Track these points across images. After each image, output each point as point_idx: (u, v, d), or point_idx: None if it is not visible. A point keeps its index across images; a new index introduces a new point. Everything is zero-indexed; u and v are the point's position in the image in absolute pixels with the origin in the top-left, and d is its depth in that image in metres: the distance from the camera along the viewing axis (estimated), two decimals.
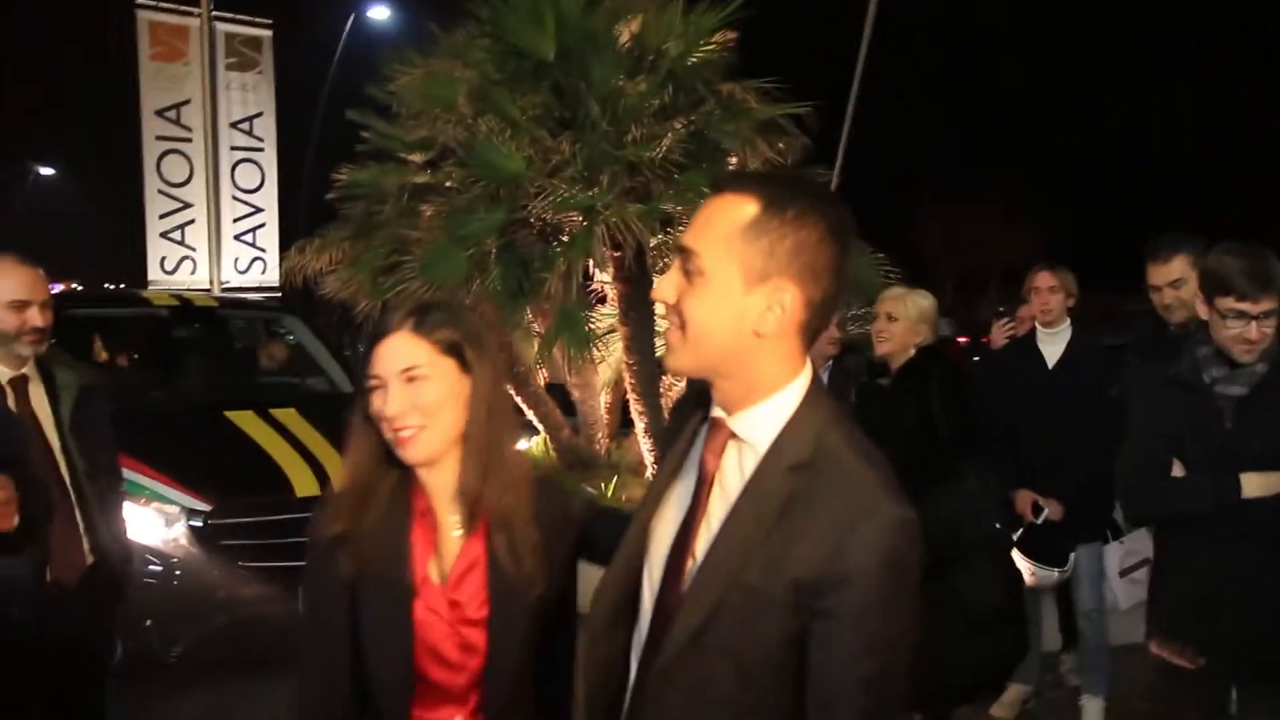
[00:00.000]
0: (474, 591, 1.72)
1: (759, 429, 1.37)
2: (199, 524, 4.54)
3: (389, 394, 1.65)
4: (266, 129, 10.54)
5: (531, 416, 7.45)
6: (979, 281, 32.91)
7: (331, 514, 1.71)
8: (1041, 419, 4.03)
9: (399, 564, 1.69)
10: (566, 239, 6.59)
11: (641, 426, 7.09)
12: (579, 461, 7.49)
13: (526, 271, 6.39)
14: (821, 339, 5.01)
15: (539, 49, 6.34)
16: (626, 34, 6.76)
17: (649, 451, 7.15)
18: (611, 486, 7.20)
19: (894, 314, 3.73)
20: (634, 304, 6.59)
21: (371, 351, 1.69)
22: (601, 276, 7.52)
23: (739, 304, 1.33)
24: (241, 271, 10.41)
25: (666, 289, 1.38)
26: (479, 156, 6.38)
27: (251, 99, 10.46)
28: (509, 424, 1.75)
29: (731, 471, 1.39)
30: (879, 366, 3.90)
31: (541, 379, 7.69)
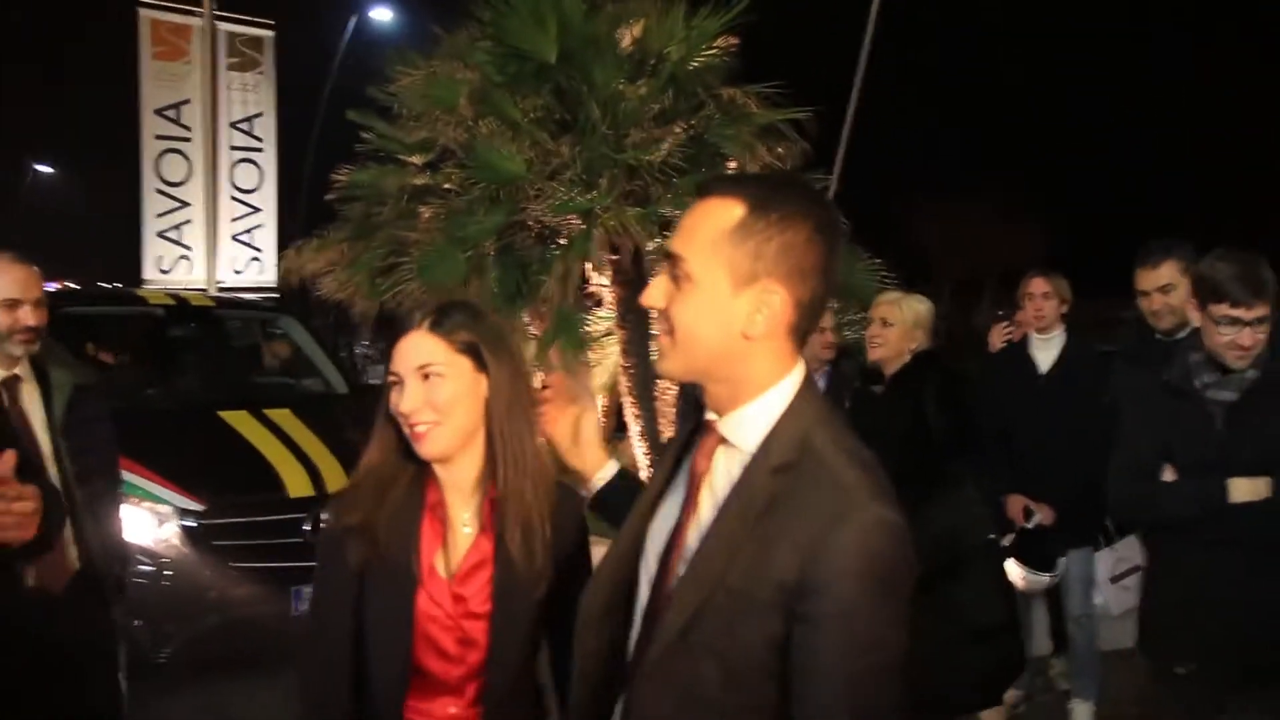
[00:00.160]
0: (479, 587, 1.75)
1: (747, 431, 1.36)
2: (191, 524, 4.53)
3: (405, 390, 1.70)
4: (266, 129, 10.52)
5: None
6: (977, 286, 32.90)
7: (348, 504, 1.76)
8: (1034, 424, 4.04)
9: (406, 554, 1.74)
10: (565, 242, 6.60)
11: (637, 430, 7.08)
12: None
13: (524, 274, 6.40)
14: (815, 343, 4.99)
15: (541, 51, 6.35)
16: (628, 38, 6.77)
17: (644, 455, 7.14)
18: None
19: (889, 319, 3.69)
20: (631, 307, 6.60)
21: (393, 349, 1.75)
22: (599, 279, 7.53)
23: (726, 307, 1.33)
24: (238, 272, 10.38)
25: (655, 294, 1.38)
26: (479, 158, 6.39)
27: (252, 99, 10.44)
28: (530, 423, 1.79)
29: (720, 473, 1.39)
30: (873, 373, 3.88)
31: (538, 382, 7.70)
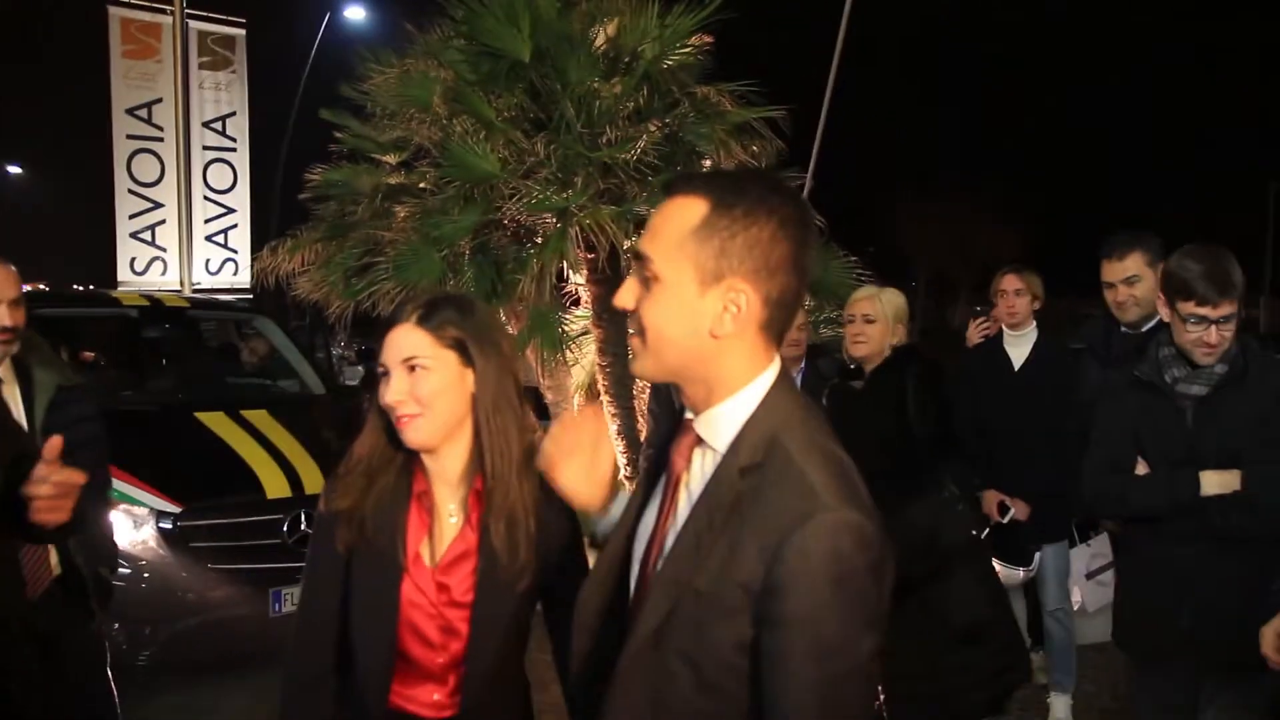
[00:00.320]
0: (462, 577, 1.78)
1: (719, 430, 1.35)
2: (168, 526, 4.50)
3: (390, 381, 1.75)
4: (239, 129, 10.45)
5: None
6: (953, 283, 33.09)
7: (339, 490, 1.80)
8: (1007, 420, 4.07)
9: (392, 541, 1.77)
10: (540, 240, 6.58)
11: (614, 429, 7.09)
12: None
13: (500, 273, 6.39)
14: (791, 338, 4.99)
15: (514, 50, 6.33)
16: (602, 36, 6.76)
17: (622, 454, 7.15)
18: None
19: (871, 315, 3.65)
20: (607, 306, 6.59)
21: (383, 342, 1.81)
22: (575, 278, 7.52)
23: (694, 307, 1.31)
24: (213, 273, 10.31)
25: (626, 296, 1.37)
26: (453, 157, 6.36)
27: (224, 98, 10.37)
28: (516, 419, 1.80)
29: (696, 473, 1.38)
30: (851, 368, 3.86)
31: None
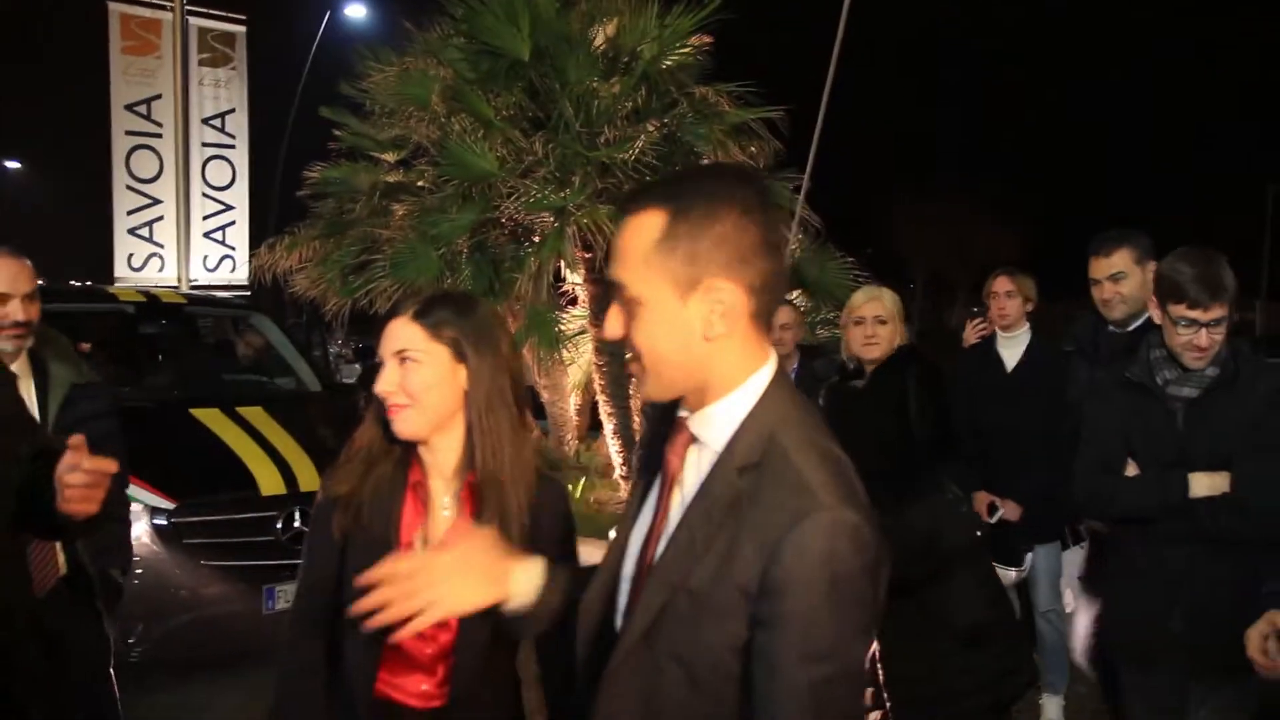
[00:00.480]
0: None
1: (715, 429, 1.34)
2: (162, 522, 4.49)
3: (384, 371, 1.80)
4: (239, 125, 10.43)
5: None
6: (950, 284, 33.08)
7: (338, 477, 1.85)
8: (1000, 421, 4.08)
9: (386, 529, 1.81)
10: (538, 239, 6.60)
11: (610, 428, 7.10)
12: (548, 464, 7.48)
13: (497, 271, 6.40)
14: (774, 338, 4.96)
15: (514, 49, 6.35)
16: (601, 36, 6.78)
17: (618, 454, 7.16)
18: (580, 487, 7.20)
19: (882, 316, 3.64)
20: (604, 306, 6.60)
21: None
22: (572, 278, 7.53)
23: (680, 318, 1.30)
24: (210, 269, 10.29)
25: (613, 326, 1.36)
26: (452, 155, 6.38)
27: (224, 95, 10.36)
28: (510, 418, 1.83)
29: (691, 473, 1.37)
30: (851, 369, 3.85)
31: None
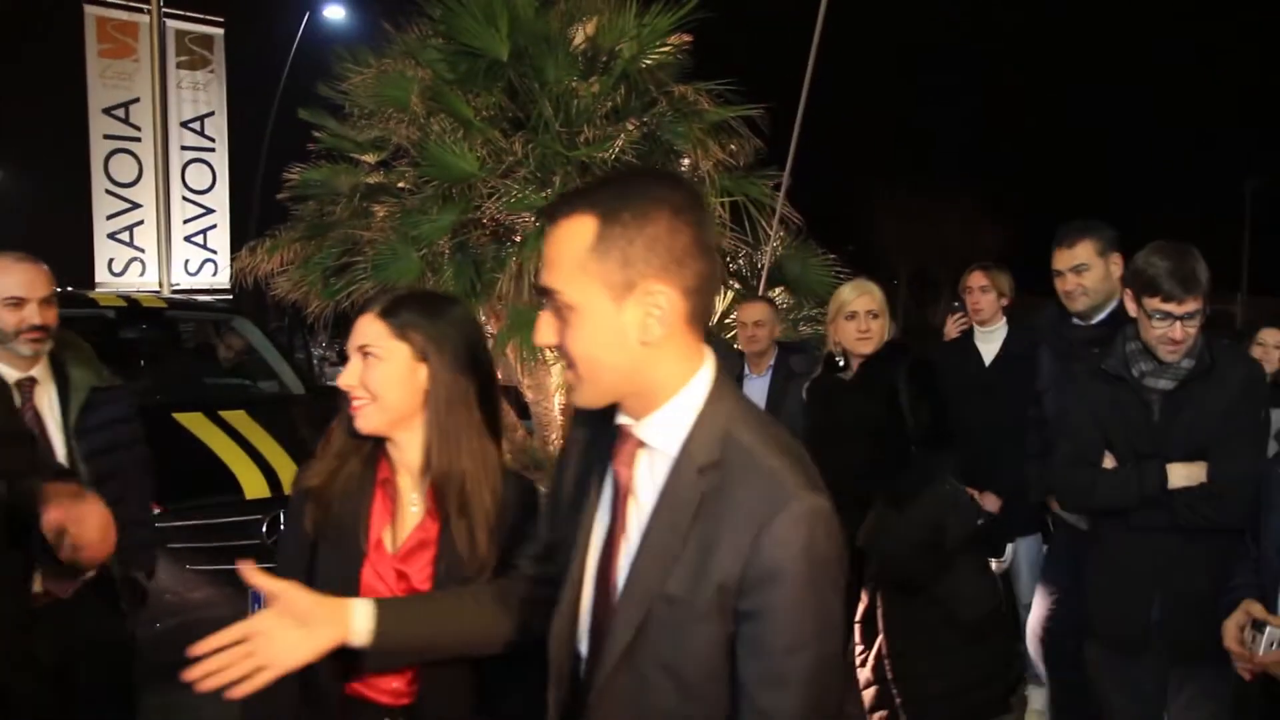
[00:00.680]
0: (421, 566, 1.79)
1: (666, 433, 1.33)
2: None
3: (347, 366, 1.80)
4: (218, 128, 10.40)
5: None
6: (934, 281, 33.18)
7: (311, 470, 1.85)
8: (978, 415, 4.11)
9: (355, 526, 1.80)
10: (519, 239, 6.60)
11: None
12: (533, 463, 7.51)
13: (479, 272, 6.39)
14: (745, 334, 4.94)
15: (492, 49, 6.35)
16: (580, 35, 6.79)
17: None
18: None
19: (875, 310, 3.65)
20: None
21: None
22: None
23: (615, 323, 1.29)
24: (192, 273, 10.26)
25: (545, 333, 1.34)
26: (432, 156, 6.37)
27: (203, 98, 10.32)
28: (472, 417, 1.81)
29: (644, 480, 1.36)
30: (838, 363, 3.80)
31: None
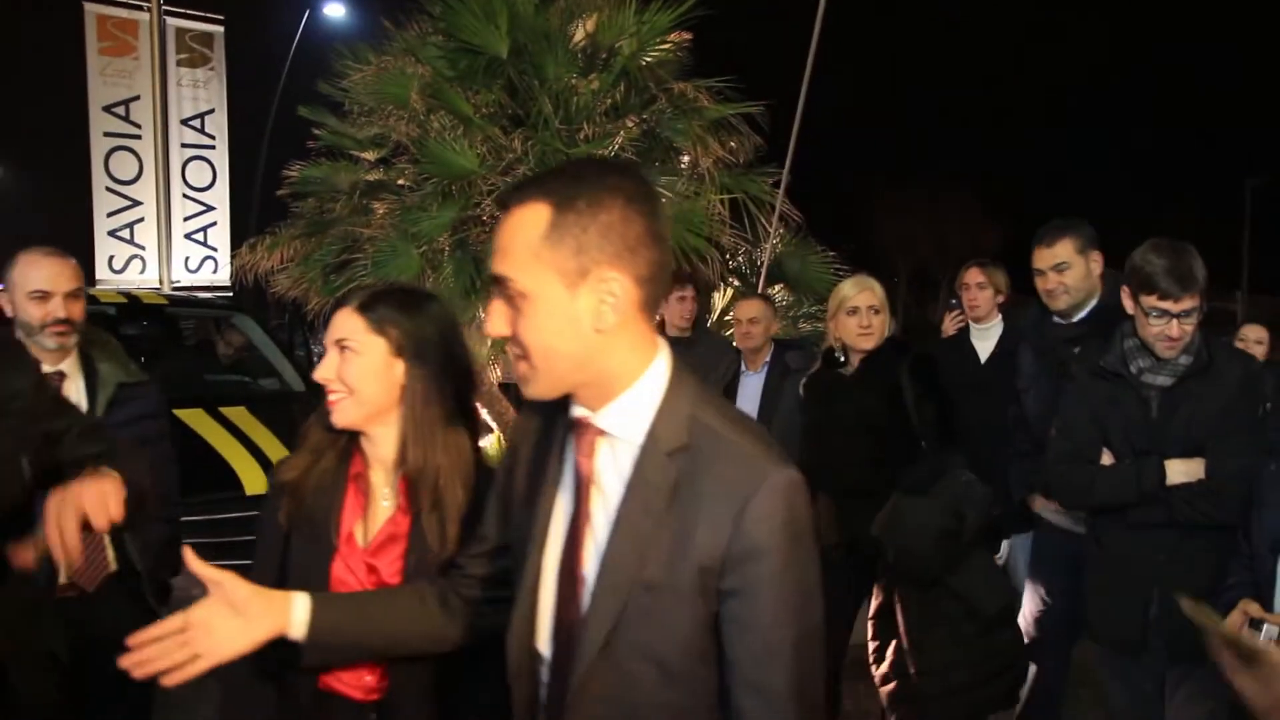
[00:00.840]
0: (391, 559, 1.80)
1: (629, 421, 1.33)
2: None
3: (324, 359, 1.81)
4: (218, 126, 10.38)
5: (485, 415, 7.43)
6: (933, 279, 33.17)
7: (287, 464, 1.86)
8: (974, 411, 4.10)
9: (326, 519, 1.81)
10: None
11: None
12: None
13: (479, 269, 6.39)
14: (740, 331, 4.89)
15: (492, 46, 6.34)
16: (580, 32, 6.78)
17: None
18: None
19: (876, 306, 3.64)
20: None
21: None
22: None
23: (569, 311, 1.29)
24: (192, 271, 10.25)
25: (497, 323, 1.33)
26: (431, 154, 6.37)
27: (203, 95, 10.30)
28: (447, 412, 1.81)
29: (607, 469, 1.35)
30: (839, 359, 3.76)
31: (495, 377, 7.70)
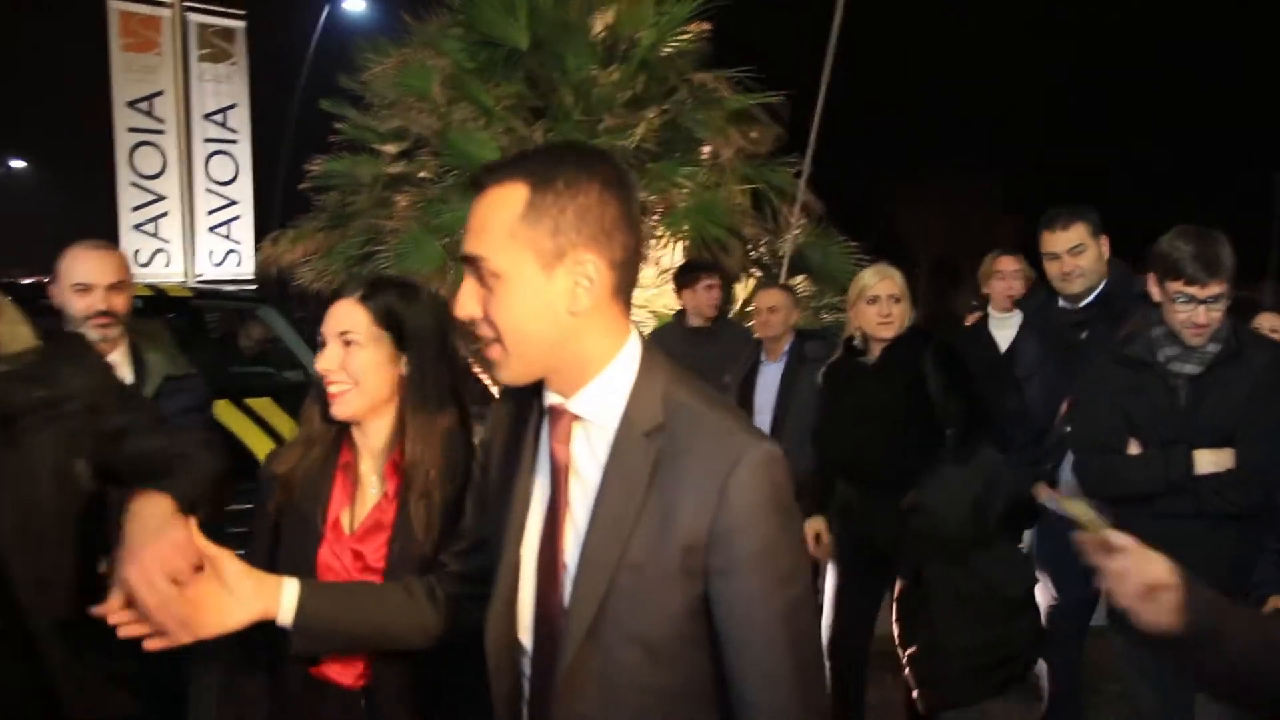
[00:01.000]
0: (376, 546, 1.81)
1: (603, 405, 1.32)
2: None
3: (325, 351, 1.81)
4: (240, 121, 10.45)
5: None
6: (955, 269, 32.96)
7: (279, 455, 1.88)
8: (994, 401, 4.08)
9: (314, 507, 1.83)
10: None
11: None
12: None
13: None
14: (759, 319, 4.82)
15: (512, 38, 6.35)
16: (600, 23, 6.78)
17: None
18: None
19: (897, 295, 3.60)
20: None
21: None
22: None
23: (544, 292, 1.27)
24: (216, 264, 10.33)
25: (468, 304, 1.31)
26: (453, 145, 6.39)
27: (225, 90, 10.37)
28: (443, 404, 1.83)
29: (583, 455, 1.34)
30: (859, 348, 3.72)
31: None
